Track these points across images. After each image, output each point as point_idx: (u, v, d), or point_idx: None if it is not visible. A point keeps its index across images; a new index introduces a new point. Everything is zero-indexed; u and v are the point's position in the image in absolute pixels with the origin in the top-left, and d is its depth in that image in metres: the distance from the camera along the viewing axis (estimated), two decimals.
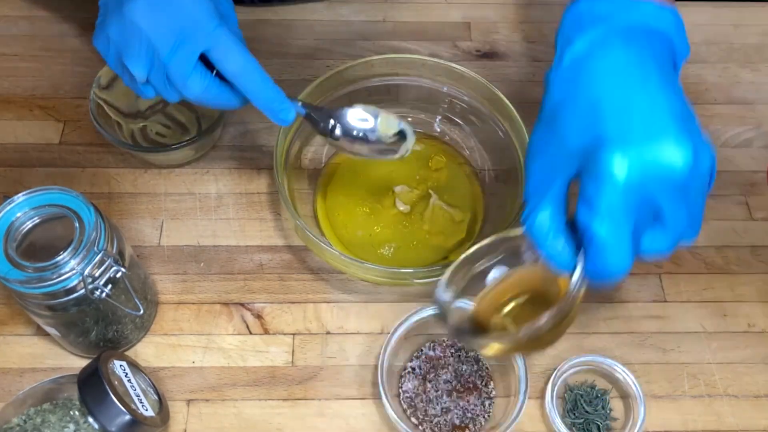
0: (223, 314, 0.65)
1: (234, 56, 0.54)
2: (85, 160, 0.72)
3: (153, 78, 0.55)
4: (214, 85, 0.55)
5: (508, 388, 0.61)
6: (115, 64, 0.56)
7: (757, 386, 0.63)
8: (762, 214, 0.72)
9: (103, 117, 0.69)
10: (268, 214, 0.70)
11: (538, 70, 0.80)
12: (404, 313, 0.62)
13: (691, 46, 0.49)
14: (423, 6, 0.85)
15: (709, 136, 0.76)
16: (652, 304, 0.66)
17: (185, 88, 0.54)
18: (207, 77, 0.54)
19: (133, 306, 0.57)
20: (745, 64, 0.82)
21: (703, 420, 0.61)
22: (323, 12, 0.83)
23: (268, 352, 0.63)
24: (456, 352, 0.63)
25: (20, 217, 0.53)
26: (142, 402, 0.54)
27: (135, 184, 0.71)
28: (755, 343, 0.65)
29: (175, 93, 0.55)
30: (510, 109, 0.66)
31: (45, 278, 0.51)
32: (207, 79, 0.54)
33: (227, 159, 0.73)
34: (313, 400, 0.61)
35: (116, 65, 0.56)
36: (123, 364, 0.55)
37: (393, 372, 0.62)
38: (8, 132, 0.73)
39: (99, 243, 0.53)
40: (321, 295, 0.66)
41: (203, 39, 0.53)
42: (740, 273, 0.68)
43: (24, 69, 0.77)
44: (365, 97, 0.72)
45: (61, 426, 0.51)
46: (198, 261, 0.67)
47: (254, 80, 0.55)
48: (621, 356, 0.63)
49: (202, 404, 0.61)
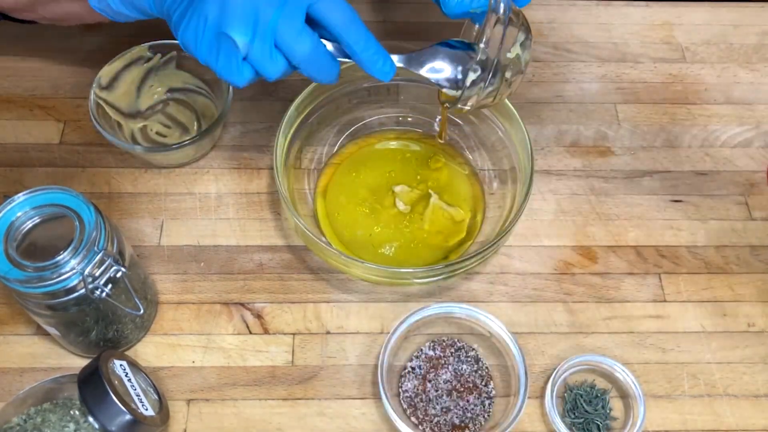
0: (223, 314, 0.65)
1: (341, 7, 0.51)
2: (85, 160, 0.72)
3: (256, 49, 0.51)
4: (321, 44, 0.52)
5: (508, 387, 0.61)
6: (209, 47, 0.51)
7: (756, 386, 0.63)
8: (761, 214, 0.72)
9: (103, 117, 0.69)
10: (268, 214, 0.70)
11: (538, 70, 0.80)
12: (404, 313, 0.62)
13: (690, 46, 0.50)
14: (423, 6, 0.85)
15: (709, 135, 0.76)
16: (651, 303, 0.66)
17: (297, 46, 0.51)
18: (315, 34, 0.51)
19: (133, 306, 0.57)
20: (744, 64, 0.82)
21: (702, 420, 0.61)
22: None
23: (268, 351, 0.63)
24: (456, 352, 0.63)
25: (20, 216, 0.53)
26: (142, 402, 0.54)
27: (135, 184, 0.71)
28: (755, 342, 0.65)
29: (279, 61, 0.52)
30: (510, 109, 0.66)
31: (45, 278, 0.51)
32: (315, 36, 0.51)
33: (227, 159, 0.73)
34: (313, 399, 0.61)
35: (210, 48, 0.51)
36: (123, 363, 0.55)
37: (393, 372, 0.62)
38: (8, 132, 0.73)
39: (99, 243, 0.53)
40: (321, 295, 0.66)
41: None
42: (740, 273, 0.68)
43: (24, 69, 0.77)
44: (365, 96, 0.72)
45: (61, 425, 0.51)
46: (198, 261, 0.67)
47: (360, 31, 0.52)
48: (621, 356, 0.63)
49: (202, 404, 0.61)
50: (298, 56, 0.51)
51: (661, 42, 0.83)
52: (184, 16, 0.52)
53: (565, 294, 0.67)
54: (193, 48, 0.52)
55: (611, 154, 0.75)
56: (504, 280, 0.67)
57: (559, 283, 0.67)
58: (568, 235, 0.70)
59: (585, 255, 0.69)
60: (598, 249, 0.69)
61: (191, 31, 0.52)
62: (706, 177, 0.74)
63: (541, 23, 0.84)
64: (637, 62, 0.81)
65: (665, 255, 0.69)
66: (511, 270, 0.68)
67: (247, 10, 0.50)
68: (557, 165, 0.74)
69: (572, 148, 0.75)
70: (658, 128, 0.77)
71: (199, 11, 0.51)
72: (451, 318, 0.63)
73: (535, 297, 0.66)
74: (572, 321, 0.65)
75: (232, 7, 0.50)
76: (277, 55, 0.51)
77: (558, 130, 0.76)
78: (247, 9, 0.50)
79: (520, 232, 0.69)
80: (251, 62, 0.51)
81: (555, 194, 0.72)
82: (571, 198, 0.72)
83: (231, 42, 0.50)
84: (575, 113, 0.77)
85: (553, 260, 0.68)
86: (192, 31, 0.51)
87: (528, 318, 0.65)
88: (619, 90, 0.79)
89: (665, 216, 0.71)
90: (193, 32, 0.51)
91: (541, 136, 0.76)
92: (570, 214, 0.71)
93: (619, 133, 0.76)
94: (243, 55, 0.51)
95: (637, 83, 0.80)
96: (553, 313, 0.66)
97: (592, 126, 0.77)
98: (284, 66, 0.52)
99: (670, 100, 0.79)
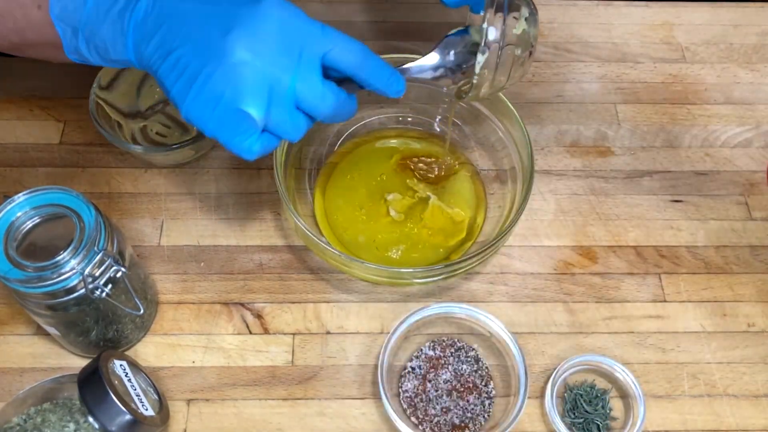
0: (223, 314, 0.65)
1: (354, 48, 0.50)
2: (85, 160, 0.72)
3: (276, 114, 0.48)
4: (342, 93, 0.50)
5: (507, 387, 0.61)
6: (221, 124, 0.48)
7: (756, 386, 0.63)
8: (761, 214, 0.72)
9: (103, 117, 0.69)
10: (268, 214, 0.70)
11: (537, 70, 0.80)
12: (404, 313, 0.62)
13: (690, 46, 0.50)
14: (423, 6, 0.85)
15: (709, 135, 0.76)
16: (651, 303, 0.66)
17: (322, 104, 0.49)
18: (335, 88, 0.50)
19: (133, 306, 0.57)
20: (744, 64, 0.82)
21: (702, 419, 0.61)
22: (323, 12, 0.83)
23: (268, 351, 0.63)
24: (456, 352, 0.63)
25: (20, 216, 0.53)
26: (142, 402, 0.54)
27: (135, 184, 0.71)
28: (755, 342, 0.65)
29: (302, 122, 0.50)
30: (510, 109, 0.67)
31: (45, 278, 0.51)
32: (336, 90, 0.50)
33: (227, 159, 0.73)
34: (313, 399, 0.61)
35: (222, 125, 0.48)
36: (123, 363, 0.56)
37: (393, 372, 0.62)
38: (8, 132, 0.73)
39: (99, 243, 0.53)
40: (321, 295, 0.66)
41: (319, 43, 0.48)
42: (740, 273, 0.68)
43: (24, 69, 0.77)
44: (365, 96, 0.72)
45: (61, 425, 0.51)
46: (198, 261, 0.67)
47: (375, 65, 0.51)
48: (621, 356, 0.63)
49: (202, 404, 0.61)
50: (324, 114, 0.50)
51: (661, 42, 0.83)
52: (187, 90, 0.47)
53: (565, 294, 0.67)
54: (202, 126, 0.48)
55: (611, 154, 0.75)
56: (504, 280, 0.67)
57: (559, 283, 0.67)
58: (568, 235, 0.70)
59: (585, 255, 0.69)
60: (598, 249, 0.69)
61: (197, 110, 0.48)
62: (706, 177, 0.74)
63: (541, 23, 0.84)
64: (637, 62, 0.81)
65: (665, 255, 0.69)
66: (511, 270, 0.68)
67: (262, 83, 0.47)
68: (557, 165, 0.74)
69: (572, 148, 0.75)
70: (658, 128, 0.77)
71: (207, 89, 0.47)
72: (451, 318, 0.63)
73: (535, 297, 0.66)
74: (572, 321, 0.65)
75: (245, 83, 0.47)
76: (299, 117, 0.49)
77: (558, 130, 0.76)
78: (261, 82, 0.47)
79: (520, 232, 0.69)
80: (271, 131, 0.49)
81: (555, 194, 0.72)
82: (571, 198, 0.72)
83: (248, 117, 0.47)
84: (575, 113, 0.77)
85: (553, 260, 0.68)
86: (198, 110, 0.48)
87: (528, 318, 0.65)
88: (619, 90, 0.79)
89: (665, 216, 0.71)
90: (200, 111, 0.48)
91: (541, 136, 0.76)
92: (570, 214, 0.71)
93: (619, 133, 0.76)
94: (261, 128, 0.48)
95: (637, 83, 0.80)
96: (553, 313, 0.66)
97: (592, 126, 0.77)
98: (307, 126, 0.50)
99: (670, 100, 0.79)
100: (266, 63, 0.47)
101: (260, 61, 0.47)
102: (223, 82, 0.47)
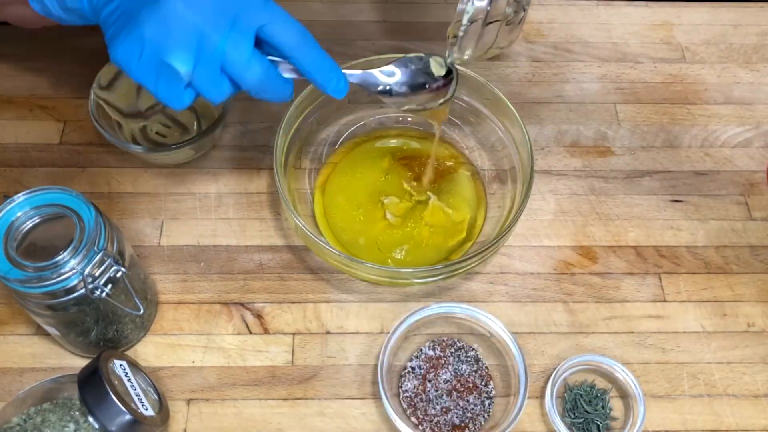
0: (223, 314, 0.65)
1: (293, 28, 0.50)
2: (85, 160, 0.72)
3: (200, 73, 0.49)
4: (272, 67, 0.50)
5: (507, 387, 0.61)
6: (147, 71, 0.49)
7: (756, 386, 0.63)
8: (761, 214, 0.72)
9: (103, 117, 0.69)
10: (268, 214, 0.70)
11: (537, 70, 0.80)
12: (404, 313, 0.62)
13: (690, 46, 0.50)
14: (423, 6, 0.85)
15: (709, 135, 0.76)
16: (651, 303, 0.66)
17: (246, 73, 0.49)
18: (264, 60, 0.50)
19: (133, 306, 0.57)
20: (744, 64, 0.82)
21: (702, 419, 0.61)
22: (323, 12, 0.83)
23: (268, 351, 0.63)
24: (456, 351, 0.63)
25: (20, 216, 0.53)
26: (142, 402, 0.54)
27: (135, 184, 0.71)
28: (755, 342, 0.65)
29: (225, 87, 0.50)
30: (510, 109, 0.67)
31: (45, 278, 0.51)
32: (265, 62, 0.49)
33: (227, 159, 0.73)
34: (313, 399, 0.61)
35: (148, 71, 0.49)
36: (123, 363, 0.55)
37: (393, 372, 0.62)
38: (8, 132, 0.73)
39: (99, 243, 0.53)
40: (321, 295, 0.66)
41: (258, 14, 0.49)
42: (739, 273, 0.68)
43: (24, 69, 0.77)
44: (365, 96, 0.72)
45: (61, 425, 0.51)
46: (198, 261, 0.67)
47: (312, 51, 0.51)
48: (620, 356, 0.64)
49: (202, 404, 0.61)
50: (248, 83, 0.50)
51: (661, 42, 0.83)
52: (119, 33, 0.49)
53: (565, 294, 0.67)
54: (127, 70, 0.49)
55: (611, 154, 0.75)
56: (504, 280, 0.67)
57: (559, 283, 0.67)
58: (568, 235, 0.70)
59: (585, 255, 0.69)
60: (598, 249, 0.69)
61: (124, 52, 0.48)
62: (706, 177, 0.74)
63: (541, 23, 0.84)
64: (637, 62, 0.81)
65: (665, 255, 0.69)
66: (511, 270, 0.68)
67: (190, 36, 0.47)
68: (557, 165, 0.74)
69: (572, 148, 0.75)
70: (658, 128, 0.77)
71: (139, 30, 0.47)
72: (451, 318, 0.63)
73: (535, 297, 0.66)
74: (572, 321, 0.65)
75: (173, 33, 0.47)
76: (223, 80, 0.50)
77: (558, 130, 0.76)
78: (189, 35, 0.47)
79: (520, 232, 0.69)
80: (195, 87, 0.49)
81: (555, 194, 0.72)
82: (571, 198, 0.72)
83: (172, 70, 0.48)
84: (575, 113, 0.77)
85: (553, 260, 0.68)
86: (125, 52, 0.48)
87: (528, 318, 0.65)
88: (619, 90, 0.79)
89: (665, 216, 0.71)
90: (127, 54, 0.48)
91: (541, 136, 0.76)
92: (570, 214, 0.71)
93: (619, 133, 0.76)
94: (186, 82, 0.49)
95: (637, 83, 0.80)
96: (553, 313, 0.66)
97: (592, 126, 0.77)
98: (230, 91, 0.50)
99: (670, 100, 0.79)
100: (199, 18, 0.47)
101: (193, 15, 0.47)
102: (153, 29, 0.47)
